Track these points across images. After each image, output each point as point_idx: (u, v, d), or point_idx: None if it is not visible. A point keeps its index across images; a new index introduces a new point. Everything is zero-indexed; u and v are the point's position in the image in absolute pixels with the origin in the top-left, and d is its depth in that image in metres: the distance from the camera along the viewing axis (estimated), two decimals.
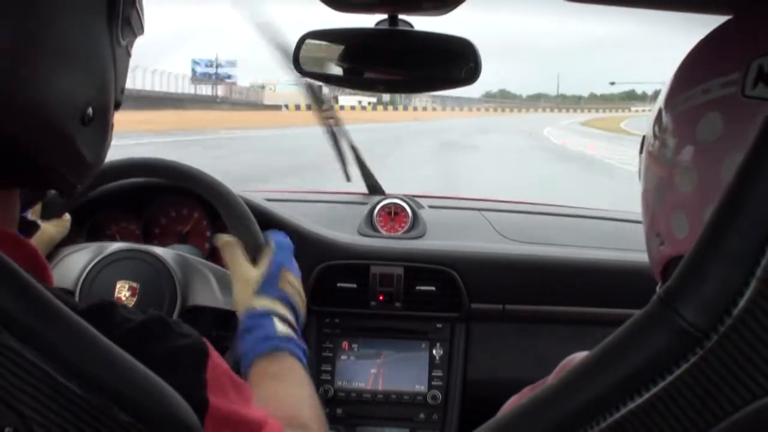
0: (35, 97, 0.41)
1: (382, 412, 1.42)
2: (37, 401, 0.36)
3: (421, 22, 0.95)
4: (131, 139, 13.39)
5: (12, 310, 0.37)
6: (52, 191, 0.53)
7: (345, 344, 1.45)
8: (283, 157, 12.28)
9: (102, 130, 0.49)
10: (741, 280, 0.32)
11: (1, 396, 0.36)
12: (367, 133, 17.11)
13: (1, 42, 0.39)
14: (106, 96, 0.48)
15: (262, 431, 0.51)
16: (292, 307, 0.90)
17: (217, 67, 56.42)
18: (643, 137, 0.60)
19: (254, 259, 0.96)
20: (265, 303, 0.87)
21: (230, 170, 8.02)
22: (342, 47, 1.01)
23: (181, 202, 1.42)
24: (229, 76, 58.60)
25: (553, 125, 36.54)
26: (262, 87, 66.68)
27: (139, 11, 0.52)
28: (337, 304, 1.44)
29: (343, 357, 1.45)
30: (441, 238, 1.51)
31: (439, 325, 1.45)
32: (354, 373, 1.45)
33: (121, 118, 0.55)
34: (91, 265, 1.10)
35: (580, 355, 0.60)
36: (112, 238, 1.39)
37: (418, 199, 1.66)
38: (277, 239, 0.98)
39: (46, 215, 1.12)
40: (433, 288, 1.42)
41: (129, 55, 0.53)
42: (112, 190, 1.30)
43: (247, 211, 1.19)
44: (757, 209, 0.32)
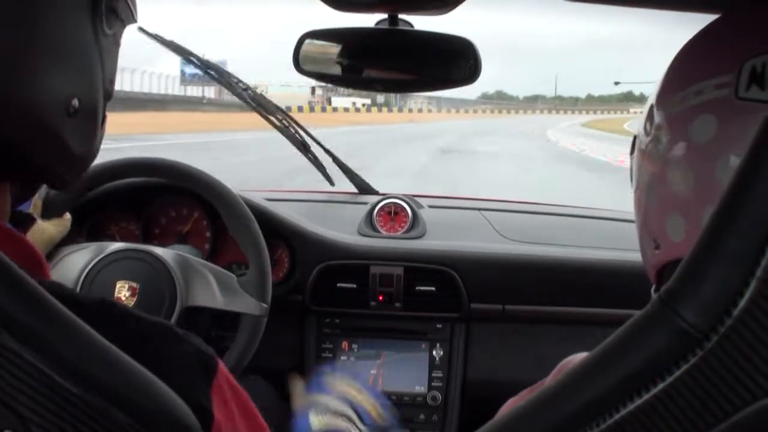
0: (18, 92, 0.41)
1: None
2: (35, 402, 0.36)
3: (421, 22, 0.97)
4: None
5: (11, 311, 0.37)
6: (45, 186, 0.53)
7: (345, 344, 1.47)
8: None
9: (91, 122, 0.49)
10: (741, 281, 0.32)
11: None
12: (351, 136, 16.64)
13: None
14: (93, 87, 0.48)
15: None
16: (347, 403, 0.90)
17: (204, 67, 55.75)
18: (634, 137, 0.60)
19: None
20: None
21: None
22: (341, 46, 1.02)
23: (181, 202, 1.43)
24: None
25: (555, 127, 35.22)
26: (255, 88, 66.41)
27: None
28: (337, 305, 1.45)
29: (343, 357, 1.47)
30: (441, 238, 1.53)
31: (439, 326, 1.46)
32: (354, 373, 1.45)
33: None
34: (91, 265, 1.12)
35: (578, 357, 0.61)
36: (112, 238, 1.40)
37: (418, 199, 1.67)
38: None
39: (47, 215, 1.14)
40: (433, 288, 1.43)
41: (118, 44, 0.52)
42: (112, 190, 1.32)
43: (247, 211, 1.21)
44: (757, 209, 0.33)
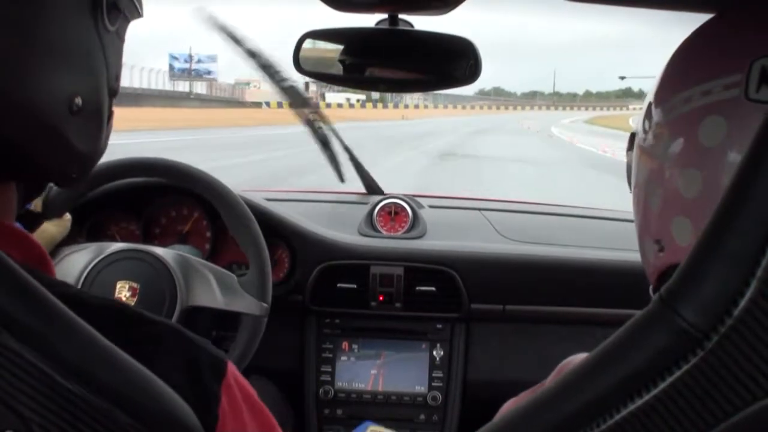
0: (18, 91, 0.42)
1: (382, 413, 1.45)
2: (36, 402, 0.37)
3: (421, 22, 0.98)
4: None
5: (11, 311, 0.37)
6: (52, 185, 0.54)
7: (345, 345, 1.49)
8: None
9: (95, 120, 0.49)
10: (741, 280, 0.32)
11: (0, 397, 0.37)
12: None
13: None
14: (96, 84, 0.48)
15: None
16: None
17: (191, 62, 53.96)
18: (631, 134, 0.61)
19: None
20: None
21: None
22: (342, 47, 1.04)
23: (181, 202, 1.45)
24: (209, 72, 56.17)
25: (559, 124, 33.24)
26: (248, 84, 65.98)
27: None
28: (337, 305, 1.47)
29: (344, 357, 1.49)
30: (441, 238, 1.54)
31: (440, 326, 1.48)
32: (354, 373, 1.48)
33: None
34: (92, 266, 1.13)
35: (578, 357, 0.62)
36: (112, 239, 1.41)
37: (418, 199, 1.68)
38: None
39: (47, 215, 1.15)
40: (434, 288, 1.45)
41: (121, 40, 0.53)
42: (112, 190, 1.33)
43: (247, 211, 1.22)
44: (757, 209, 0.33)
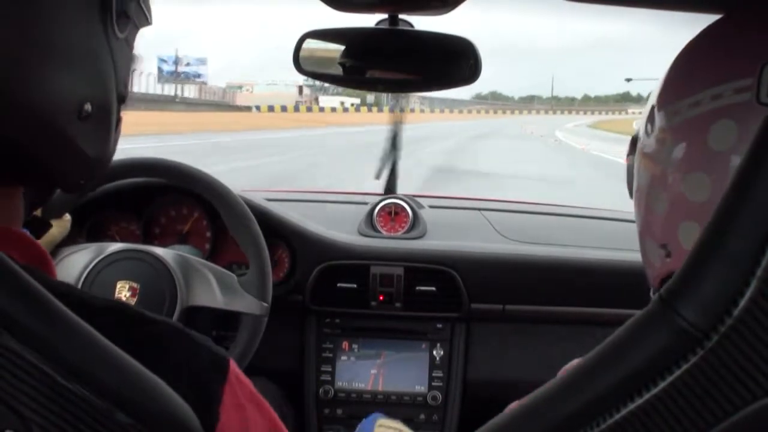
0: (26, 97, 0.43)
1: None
2: (36, 402, 0.38)
3: (421, 22, 1.00)
4: None
5: (12, 312, 0.38)
6: (58, 190, 0.55)
7: (345, 344, 1.51)
8: None
9: (104, 125, 0.50)
10: (741, 280, 0.33)
11: (1, 397, 0.37)
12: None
13: None
14: (106, 91, 0.49)
15: None
16: None
17: (177, 64, 52.76)
18: (633, 138, 0.61)
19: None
20: None
21: None
22: (342, 47, 1.06)
23: (181, 202, 1.46)
24: (199, 75, 55.19)
25: (563, 129, 31.72)
26: (240, 88, 65.88)
27: (141, 1, 0.53)
28: (337, 305, 1.49)
29: (344, 357, 1.50)
30: (441, 238, 1.56)
31: (440, 326, 1.50)
32: (354, 373, 1.50)
33: None
34: (92, 266, 1.14)
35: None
36: (112, 239, 1.43)
37: (418, 199, 1.70)
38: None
39: (47, 215, 1.16)
40: (434, 288, 1.47)
41: (131, 47, 0.54)
42: (112, 190, 1.35)
43: (247, 211, 1.24)
44: (758, 209, 0.33)
